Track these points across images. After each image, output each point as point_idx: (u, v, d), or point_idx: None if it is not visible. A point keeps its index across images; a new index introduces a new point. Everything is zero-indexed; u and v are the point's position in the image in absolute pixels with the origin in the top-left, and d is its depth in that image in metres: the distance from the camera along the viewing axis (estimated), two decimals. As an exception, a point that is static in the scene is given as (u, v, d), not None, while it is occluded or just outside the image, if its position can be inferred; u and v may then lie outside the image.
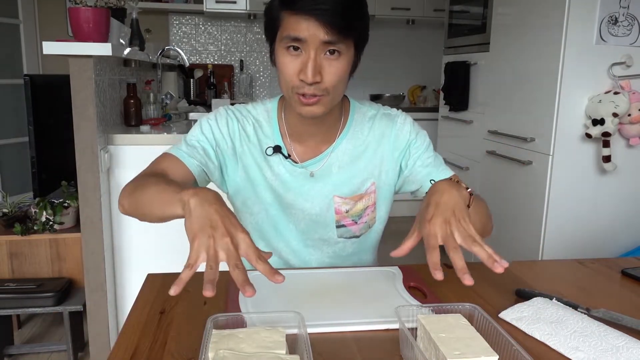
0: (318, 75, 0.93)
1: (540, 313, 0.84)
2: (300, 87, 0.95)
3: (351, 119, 1.12)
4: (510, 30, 2.47)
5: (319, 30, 0.90)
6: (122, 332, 0.80)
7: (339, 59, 0.94)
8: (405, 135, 1.12)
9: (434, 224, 0.78)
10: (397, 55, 4.50)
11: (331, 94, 0.97)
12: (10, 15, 3.61)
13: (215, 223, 0.70)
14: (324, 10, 0.89)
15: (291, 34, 0.92)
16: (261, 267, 0.70)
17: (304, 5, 0.90)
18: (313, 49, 0.92)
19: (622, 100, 1.99)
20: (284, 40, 0.94)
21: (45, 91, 2.05)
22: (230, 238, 0.69)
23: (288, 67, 0.95)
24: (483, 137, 2.70)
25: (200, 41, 4.33)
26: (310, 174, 1.10)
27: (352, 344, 0.77)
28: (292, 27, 0.92)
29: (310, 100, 0.96)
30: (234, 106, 1.13)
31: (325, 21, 0.90)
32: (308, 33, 0.91)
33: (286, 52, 0.94)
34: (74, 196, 2.06)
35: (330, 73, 0.94)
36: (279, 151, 1.09)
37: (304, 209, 1.11)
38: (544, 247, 2.22)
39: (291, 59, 0.94)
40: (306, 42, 0.92)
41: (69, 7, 1.81)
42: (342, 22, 0.91)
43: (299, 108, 0.98)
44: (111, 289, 1.99)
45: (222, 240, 0.69)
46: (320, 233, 1.13)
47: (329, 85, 0.95)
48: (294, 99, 0.98)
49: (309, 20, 0.90)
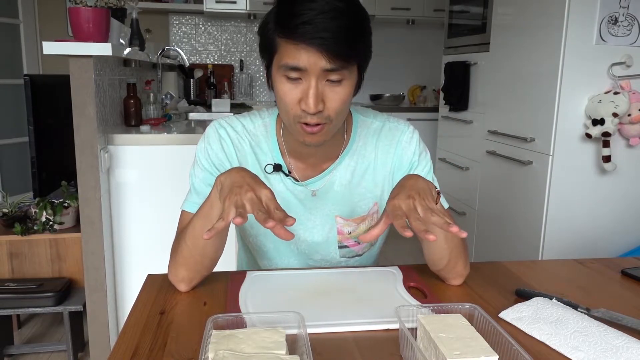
0: (320, 104, 0.88)
1: (540, 313, 0.84)
2: (302, 116, 0.90)
3: (354, 134, 1.07)
4: (510, 30, 2.47)
5: (320, 60, 0.84)
6: (122, 332, 0.80)
7: (342, 85, 0.89)
8: (409, 156, 1.07)
9: (399, 199, 0.82)
10: (397, 55, 4.50)
11: (334, 121, 0.92)
12: (10, 15, 3.61)
13: (240, 183, 0.80)
14: (325, 39, 0.83)
15: (289, 63, 0.86)
16: (277, 215, 0.76)
17: (304, 34, 0.83)
18: (314, 78, 0.86)
19: (622, 100, 1.99)
20: (282, 68, 0.88)
21: (45, 91, 2.05)
22: (254, 192, 0.78)
23: (288, 96, 0.90)
24: (483, 137, 2.70)
25: (200, 41, 4.33)
26: (312, 193, 1.06)
27: (352, 344, 0.77)
28: (290, 56, 0.86)
29: (314, 129, 0.91)
30: (226, 120, 1.06)
31: (327, 50, 0.84)
32: (308, 62, 0.85)
33: (285, 80, 0.89)
34: (74, 196, 2.06)
35: (333, 100, 0.89)
36: (280, 169, 1.04)
37: (305, 229, 1.07)
38: (544, 247, 2.22)
39: (291, 87, 0.89)
40: (306, 72, 0.86)
41: (69, 7, 1.81)
42: (345, 49, 0.85)
43: (302, 137, 0.94)
44: (111, 289, 1.99)
45: (246, 195, 0.77)
46: (323, 254, 1.10)
47: (332, 113, 0.90)
48: (296, 128, 0.93)
49: (308, 50, 0.84)
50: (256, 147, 1.05)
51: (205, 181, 1.02)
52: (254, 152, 1.05)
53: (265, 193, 0.78)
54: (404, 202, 0.80)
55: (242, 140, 1.05)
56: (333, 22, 0.83)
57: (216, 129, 1.05)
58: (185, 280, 0.93)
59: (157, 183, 2.03)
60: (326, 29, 0.83)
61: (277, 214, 0.76)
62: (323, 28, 0.83)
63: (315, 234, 1.08)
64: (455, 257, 0.95)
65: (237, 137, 1.05)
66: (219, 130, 1.04)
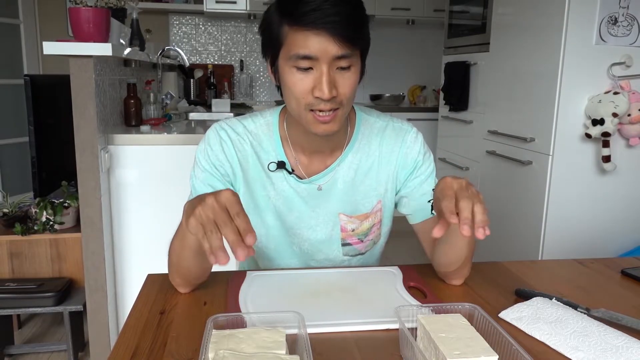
0: (334, 90, 0.89)
1: (540, 313, 0.84)
2: (315, 103, 0.90)
3: (357, 131, 1.07)
4: (510, 30, 2.47)
5: (330, 45, 0.86)
6: (122, 332, 0.80)
7: (351, 71, 0.91)
8: (414, 155, 1.07)
9: (450, 178, 0.82)
10: (397, 55, 4.50)
11: (345, 107, 0.93)
12: (10, 15, 3.61)
13: (200, 199, 0.72)
14: (335, 23, 0.84)
15: (300, 52, 0.87)
16: (237, 222, 0.69)
17: (315, 19, 0.84)
18: (325, 64, 0.87)
19: (622, 101, 1.99)
20: (292, 58, 0.88)
21: (45, 91, 2.05)
22: (215, 199, 0.70)
23: (299, 86, 0.90)
24: (483, 137, 2.70)
25: (200, 41, 4.33)
26: (317, 187, 1.05)
27: (352, 344, 0.77)
28: (300, 45, 0.87)
29: (327, 117, 0.91)
30: (226, 122, 1.06)
31: (337, 34, 0.85)
32: (319, 49, 0.86)
33: (295, 71, 0.89)
34: (74, 196, 2.06)
35: (344, 86, 0.90)
36: (283, 167, 1.04)
37: (308, 227, 1.07)
38: (544, 247, 2.22)
39: (302, 77, 0.89)
40: (317, 60, 0.87)
41: (69, 7, 1.81)
42: (353, 34, 0.87)
43: (314, 127, 0.94)
44: (111, 289, 1.99)
45: (206, 205, 0.70)
46: (326, 252, 1.10)
47: (344, 98, 0.91)
48: (308, 117, 0.93)
49: (319, 35, 0.85)
50: (258, 147, 1.05)
51: (206, 182, 1.02)
52: (255, 152, 1.05)
53: (225, 194, 0.71)
54: (455, 181, 0.81)
55: (243, 141, 1.05)
56: (338, 8, 0.86)
57: (217, 131, 1.04)
58: (181, 286, 0.94)
59: (157, 183, 2.03)
60: (335, 14, 0.85)
61: (238, 221, 0.69)
62: (332, 13, 0.85)
63: (318, 232, 1.08)
64: (467, 261, 0.96)
65: (238, 138, 1.04)
66: (220, 132, 1.04)
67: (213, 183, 1.02)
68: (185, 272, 0.91)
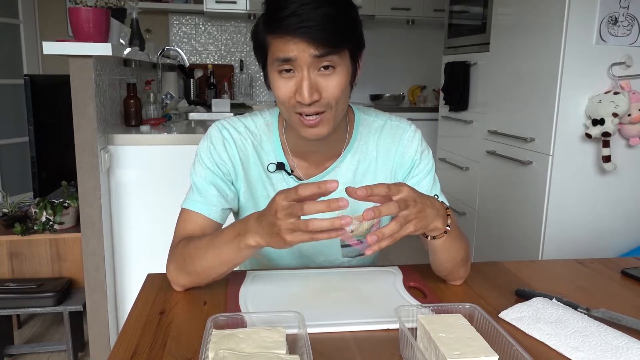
0: (315, 94, 0.89)
1: (540, 313, 0.84)
2: (299, 107, 0.91)
3: (356, 132, 1.07)
4: (510, 30, 2.47)
5: (308, 48, 0.87)
6: (122, 332, 0.80)
7: (335, 73, 0.90)
8: (411, 154, 1.07)
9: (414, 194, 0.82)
10: (397, 55, 4.50)
11: (334, 109, 0.92)
12: (10, 15, 3.61)
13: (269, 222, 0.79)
14: (309, 28, 0.85)
15: (280, 56, 0.89)
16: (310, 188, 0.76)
17: (289, 25, 0.86)
18: (305, 67, 0.88)
19: (622, 100, 1.99)
20: (275, 63, 0.90)
21: (45, 91, 2.05)
22: (280, 209, 0.76)
23: (282, 90, 0.91)
24: (483, 137, 2.70)
25: (200, 41, 4.33)
26: None
27: (352, 344, 0.77)
28: (280, 49, 0.89)
29: (312, 121, 0.92)
30: (228, 121, 1.07)
31: (313, 38, 0.86)
32: (297, 52, 0.87)
33: (278, 76, 0.91)
34: (74, 196, 2.06)
35: (328, 87, 0.90)
36: (282, 168, 1.04)
37: None
38: (544, 247, 2.22)
39: (285, 81, 0.91)
40: (297, 62, 0.88)
41: (69, 7, 1.81)
42: (331, 36, 0.87)
43: (303, 131, 0.94)
44: (111, 289, 1.99)
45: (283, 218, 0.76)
46: (326, 255, 1.10)
47: (330, 99, 0.91)
48: (294, 120, 0.94)
49: (295, 39, 0.87)
50: (258, 147, 1.05)
51: (207, 179, 1.02)
52: (256, 152, 1.05)
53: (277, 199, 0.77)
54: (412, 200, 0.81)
55: (245, 141, 1.05)
56: (317, 12, 0.86)
57: (219, 130, 1.05)
58: (186, 286, 0.95)
59: (157, 183, 2.02)
60: (310, 19, 0.86)
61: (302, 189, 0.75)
62: (307, 18, 0.86)
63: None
64: (457, 266, 0.97)
65: (240, 137, 1.05)
66: (222, 132, 1.04)
67: (214, 181, 1.02)
68: (203, 278, 0.93)
